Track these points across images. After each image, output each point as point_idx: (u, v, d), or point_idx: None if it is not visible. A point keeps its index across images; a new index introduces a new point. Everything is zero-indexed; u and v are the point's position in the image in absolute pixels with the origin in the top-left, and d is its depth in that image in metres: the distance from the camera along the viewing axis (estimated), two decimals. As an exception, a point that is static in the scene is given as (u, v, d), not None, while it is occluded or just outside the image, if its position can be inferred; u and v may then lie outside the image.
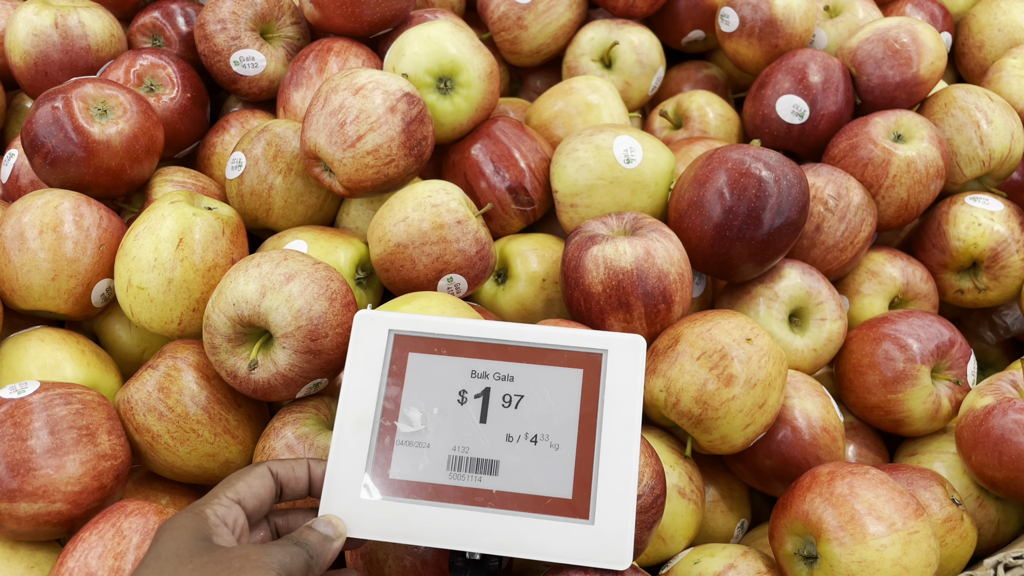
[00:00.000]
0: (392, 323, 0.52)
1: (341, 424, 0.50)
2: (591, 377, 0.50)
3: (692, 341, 0.62)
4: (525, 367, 0.51)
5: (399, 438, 0.49)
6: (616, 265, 0.64)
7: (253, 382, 0.58)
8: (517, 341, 0.51)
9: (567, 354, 0.51)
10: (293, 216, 0.73)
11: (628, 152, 0.72)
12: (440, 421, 0.50)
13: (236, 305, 0.57)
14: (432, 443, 0.49)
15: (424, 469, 0.49)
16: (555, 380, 0.50)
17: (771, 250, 0.68)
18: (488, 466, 0.49)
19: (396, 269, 0.67)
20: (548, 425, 0.49)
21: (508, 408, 0.50)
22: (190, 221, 0.64)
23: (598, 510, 0.47)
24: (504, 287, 0.73)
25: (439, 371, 0.51)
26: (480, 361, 0.51)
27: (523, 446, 0.49)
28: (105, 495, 0.56)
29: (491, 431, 0.49)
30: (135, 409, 0.59)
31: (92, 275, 0.66)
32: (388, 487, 0.48)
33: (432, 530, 0.47)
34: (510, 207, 0.75)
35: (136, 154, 0.70)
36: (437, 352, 0.51)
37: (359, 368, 0.51)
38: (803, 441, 0.65)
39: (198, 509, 0.42)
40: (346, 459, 0.49)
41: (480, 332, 0.51)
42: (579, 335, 0.51)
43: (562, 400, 0.50)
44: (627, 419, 0.49)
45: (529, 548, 0.47)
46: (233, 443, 0.62)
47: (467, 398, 0.50)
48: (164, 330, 0.65)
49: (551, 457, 0.49)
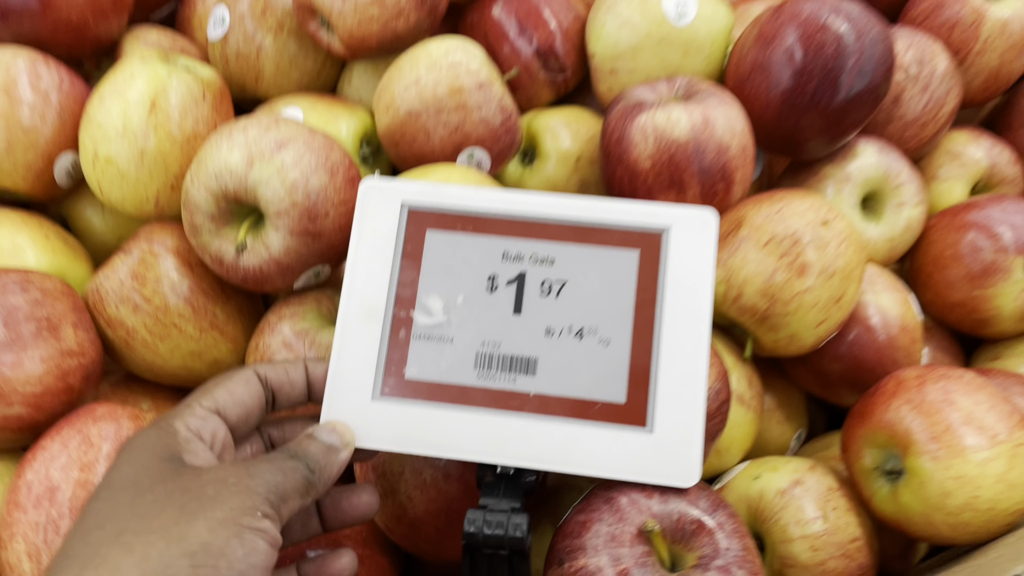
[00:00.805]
0: (405, 194, 0.43)
1: (346, 315, 0.41)
2: (649, 259, 0.41)
3: (758, 225, 0.53)
4: (569, 248, 0.41)
5: (416, 331, 0.41)
6: (669, 136, 0.54)
7: (242, 269, 0.49)
8: (559, 217, 0.42)
9: (620, 232, 0.42)
10: (286, 83, 0.63)
11: (680, 6, 0.61)
12: (466, 311, 0.41)
13: (219, 177, 0.48)
14: (456, 337, 0.41)
15: (447, 368, 0.40)
16: (605, 263, 0.41)
17: (848, 121, 0.58)
18: (524, 364, 0.40)
19: (407, 142, 0.57)
20: (596, 316, 0.40)
21: (548, 296, 0.41)
22: (164, 82, 0.54)
23: (658, 416, 0.39)
24: (532, 168, 0.64)
25: (464, 252, 0.42)
26: (514, 240, 0.42)
27: (566, 341, 0.40)
28: (73, 398, 0.48)
29: (527, 323, 0.41)
30: (106, 300, 0.51)
31: (53, 146, 0.57)
32: (404, 388, 0.40)
33: (457, 439, 0.39)
34: (538, 75, 0.65)
35: (101, 7, 0.60)
36: (461, 229, 0.42)
37: (366, 248, 0.42)
38: (878, 342, 0.56)
39: (165, 422, 0.34)
40: (352, 356, 0.40)
41: (513, 205, 0.42)
42: (636, 209, 0.42)
43: (614, 287, 0.41)
44: (695, 308, 0.40)
45: (574, 460, 0.39)
46: (222, 340, 0.53)
47: (498, 284, 0.41)
48: (139, 211, 0.55)
49: (600, 354, 0.40)
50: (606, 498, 0.40)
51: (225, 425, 0.35)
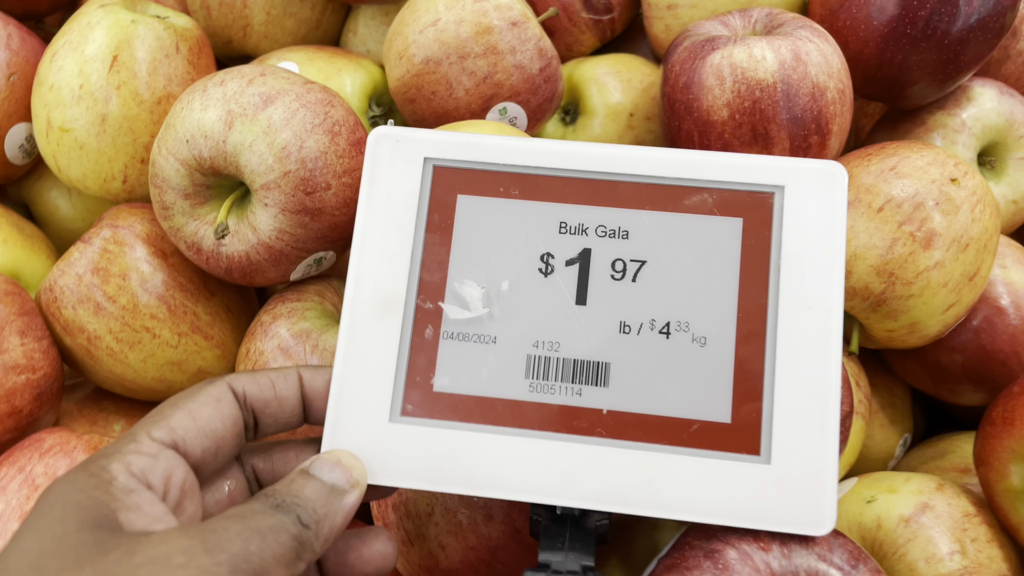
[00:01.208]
0: (429, 147, 0.32)
1: (354, 308, 0.31)
2: (758, 229, 0.31)
3: (869, 185, 0.42)
4: (648, 216, 0.31)
5: (447, 328, 0.31)
6: (752, 77, 0.43)
7: (225, 258, 0.40)
8: (635, 173, 0.32)
9: (717, 194, 0.31)
10: (279, 35, 0.53)
11: (753, -78, 0.50)
12: (513, 302, 0.31)
13: (191, 142, 0.38)
14: (501, 336, 0.30)
15: (489, 377, 0.30)
16: (698, 236, 0.31)
17: (967, 56, 0.47)
18: (593, 372, 0.30)
19: (426, 98, 0.47)
20: (688, 308, 0.30)
21: (622, 281, 0.31)
22: (128, 31, 0.44)
23: (776, 440, 0.29)
24: (575, 127, 0.53)
25: (508, 223, 0.32)
26: (574, 207, 0.32)
27: (648, 341, 0.30)
28: (23, 422, 0.39)
29: (595, 317, 0.31)
30: (62, 301, 0.41)
31: (2, 117, 0.47)
32: (432, 405, 0.30)
33: (504, 473, 0.29)
34: (579, 16, 0.54)
35: (55, -52, 0.50)
36: (504, 194, 0.32)
37: (379, 218, 0.32)
38: (1011, 327, 0.46)
39: (99, 464, 0.24)
40: (363, 363, 0.30)
41: (573, 159, 0.32)
42: (738, 162, 0.31)
43: (710, 268, 0.31)
44: (821, 294, 0.30)
45: (663, 501, 0.29)
46: (206, 345, 0.44)
47: (555, 266, 0.31)
48: (104, 190, 0.46)
49: (695, 358, 0.30)
50: (707, 550, 0.30)
51: (185, 463, 0.26)
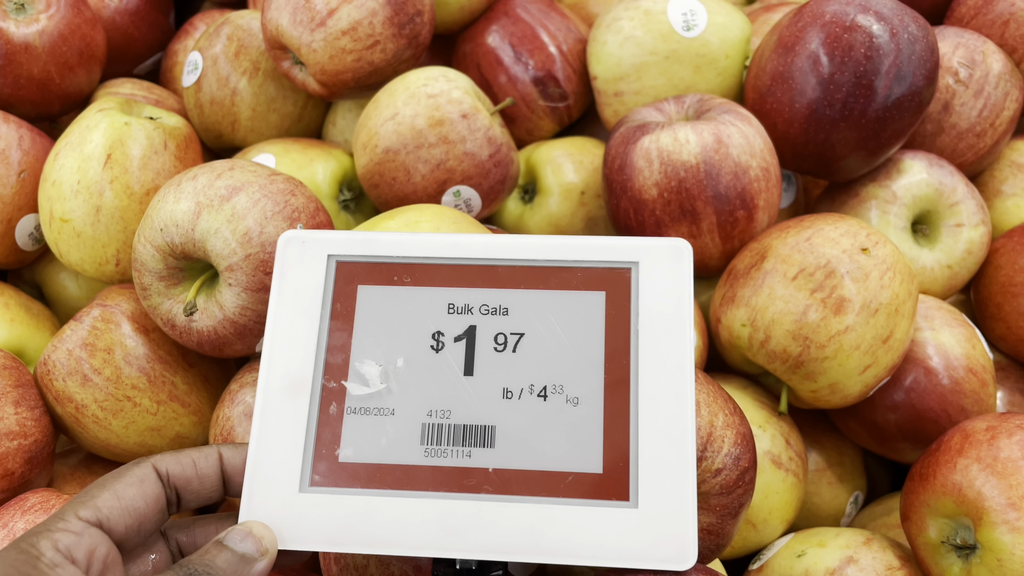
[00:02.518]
0: (332, 246, 0.37)
1: (266, 390, 0.35)
2: (617, 301, 0.34)
3: (785, 255, 0.45)
4: (524, 294, 0.35)
5: (350, 404, 0.34)
6: (676, 159, 0.47)
7: (196, 332, 0.44)
8: (510, 258, 0.36)
9: (581, 272, 0.35)
10: (265, 128, 0.59)
11: (688, 16, 0.54)
12: (408, 377, 0.35)
13: (164, 230, 0.43)
14: (398, 408, 0.34)
15: (388, 445, 0.34)
16: (567, 309, 0.35)
17: (887, 133, 0.50)
18: (480, 435, 0.34)
19: (387, 183, 0.52)
20: (562, 372, 0.34)
21: (503, 352, 0.34)
22: (121, 132, 0.49)
23: (642, 487, 0.32)
24: (532, 205, 0.58)
25: (403, 307, 0.36)
26: (460, 290, 0.35)
27: (528, 404, 0.34)
28: (13, 484, 0.43)
29: (481, 386, 0.34)
30: (53, 373, 0.46)
31: (13, 209, 0.53)
32: (338, 475, 0.34)
33: (404, 532, 0.32)
34: (537, 103, 0.59)
35: (66, 59, 0.56)
36: (398, 282, 0.36)
37: (288, 310, 0.36)
38: (941, 387, 0.48)
39: (28, 541, 0.28)
40: (275, 439, 0.34)
41: (457, 249, 0.36)
42: (596, 244, 0.35)
43: (579, 336, 0.34)
44: (674, 354, 0.33)
45: (546, 548, 0.32)
46: (184, 412, 0.48)
47: (444, 342, 0.35)
48: (99, 272, 0.51)
49: (569, 416, 0.33)
50: (601, 598, 0.32)
51: (108, 539, 0.29)
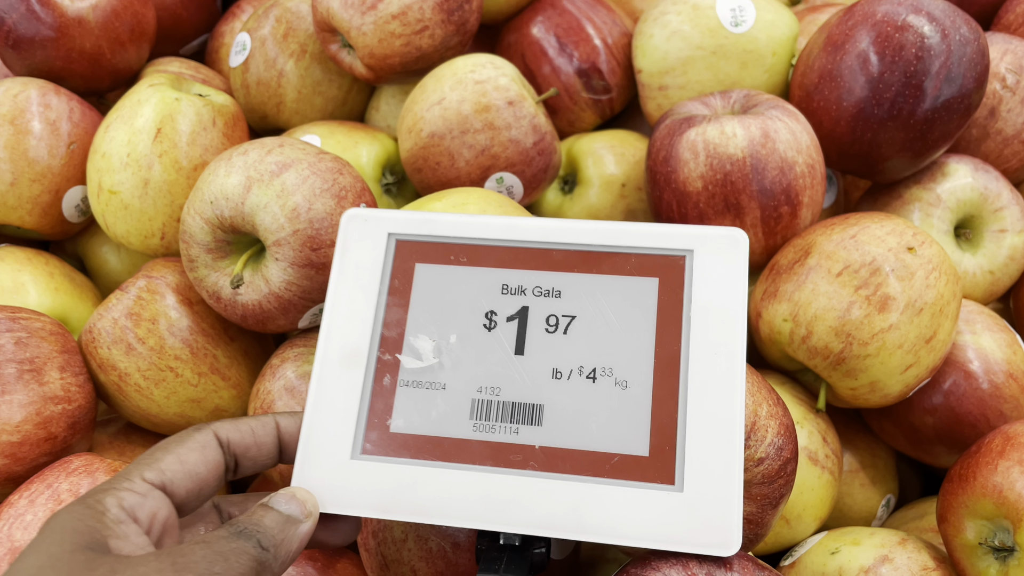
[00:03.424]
0: (392, 224, 0.37)
1: (323, 360, 0.35)
2: (670, 288, 0.34)
3: (830, 252, 0.45)
4: (577, 278, 0.35)
5: (403, 377, 0.35)
6: (723, 152, 0.47)
7: (240, 306, 0.45)
8: (565, 242, 0.36)
9: (635, 258, 0.35)
10: (309, 111, 0.59)
11: (736, 12, 0.54)
12: (460, 353, 0.35)
13: (215, 203, 0.43)
14: (449, 383, 0.34)
15: (439, 418, 0.34)
16: (620, 294, 0.35)
17: (935, 135, 0.50)
18: (528, 413, 0.34)
19: (431, 167, 0.52)
20: (612, 355, 0.34)
21: (554, 334, 0.35)
22: (172, 107, 0.50)
23: (688, 471, 0.32)
24: (572, 195, 0.58)
25: (458, 286, 0.36)
26: (514, 272, 0.36)
27: (577, 385, 0.34)
28: (56, 448, 0.44)
29: (531, 365, 0.34)
30: (98, 341, 0.47)
31: (62, 180, 0.54)
32: (388, 444, 0.34)
33: (450, 503, 0.33)
34: (580, 95, 0.59)
35: (118, 35, 0.57)
36: (455, 261, 0.36)
37: (348, 284, 0.36)
38: (980, 391, 0.47)
39: (95, 498, 0.28)
40: (330, 408, 0.35)
41: (512, 232, 0.36)
42: (652, 231, 0.35)
43: (630, 321, 0.34)
44: (726, 342, 0.33)
45: (589, 526, 0.32)
46: (223, 385, 0.48)
47: (497, 321, 0.35)
48: (144, 245, 0.52)
49: (617, 399, 0.33)
50: (641, 579, 0.32)
51: (170, 503, 0.30)
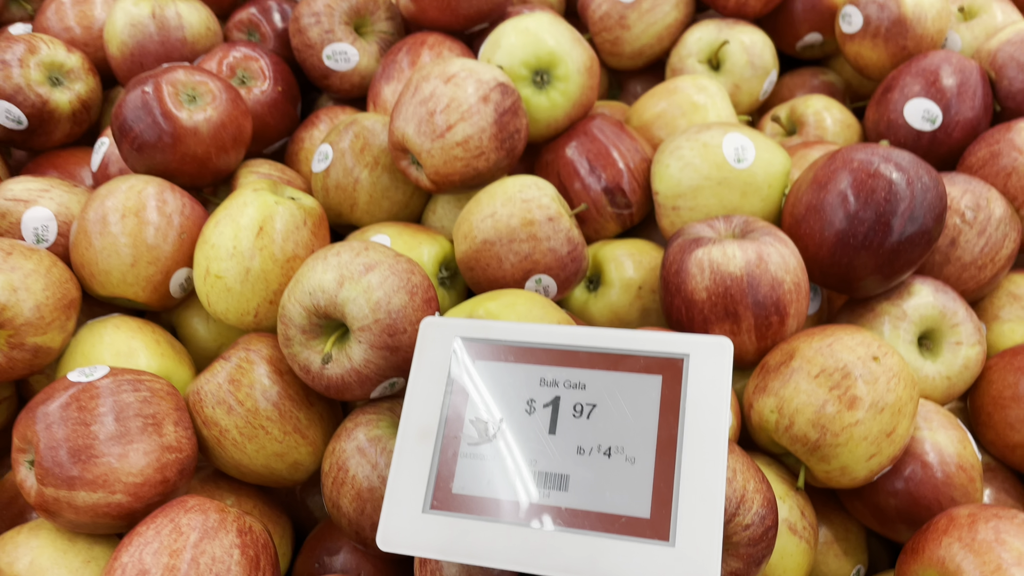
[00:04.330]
0: (459, 330, 0.48)
1: (404, 435, 0.46)
2: (671, 384, 0.44)
3: (810, 357, 0.55)
4: (598, 374, 0.45)
5: (463, 450, 0.45)
6: (724, 270, 0.58)
7: (326, 378, 0.54)
8: (589, 346, 0.46)
9: (644, 359, 0.45)
10: (378, 212, 0.70)
11: (739, 151, 0.66)
12: (507, 432, 0.45)
13: (312, 294, 0.53)
14: (498, 455, 0.45)
15: (488, 483, 0.44)
16: (631, 388, 0.45)
17: (900, 262, 0.61)
18: (557, 481, 0.43)
19: (482, 268, 0.63)
20: (623, 437, 0.44)
21: (579, 418, 0.45)
22: (271, 209, 0.61)
23: (679, 530, 0.41)
24: (596, 294, 0.68)
25: (506, 379, 0.46)
26: (550, 368, 0.46)
27: (595, 459, 0.43)
28: (168, 490, 0.53)
29: (561, 443, 0.44)
30: (204, 401, 0.56)
31: (171, 263, 0.64)
32: (451, 502, 0.44)
33: (494, 549, 0.42)
34: (605, 209, 0.70)
35: (223, 142, 0.68)
36: (505, 359, 0.47)
37: (424, 376, 0.47)
38: (935, 479, 0.57)
39: None
40: (408, 472, 0.45)
41: (549, 337, 0.47)
42: (657, 338, 0.45)
43: (639, 410, 0.44)
44: (712, 430, 0.43)
45: (601, 571, 0.41)
46: (303, 443, 0.58)
47: (535, 407, 0.45)
48: (240, 322, 0.62)
49: (627, 472, 0.43)
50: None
51: None
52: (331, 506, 0.55)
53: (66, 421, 0.51)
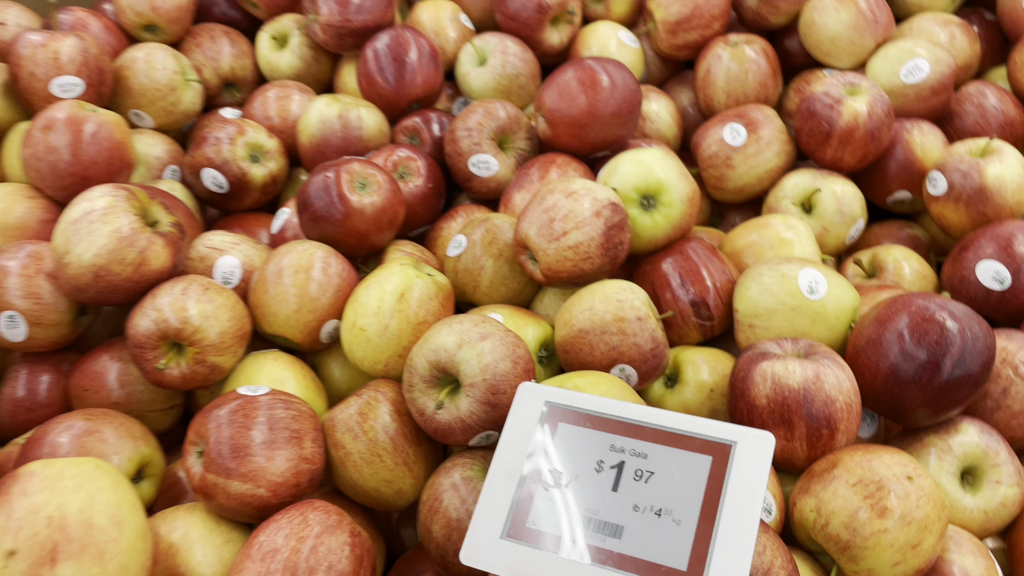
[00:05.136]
0: (549, 396, 0.59)
1: (494, 473, 0.57)
2: (719, 464, 0.53)
3: (850, 468, 0.63)
4: (659, 448, 0.55)
5: (539, 493, 0.55)
6: (783, 382, 0.67)
7: (436, 422, 0.66)
8: (654, 424, 0.56)
9: (699, 441, 0.55)
10: (495, 295, 0.83)
11: (812, 283, 0.75)
12: (577, 484, 0.55)
13: (436, 351, 0.66)
14: (567, 502, 0.54)
15: (557, 523, 0.54)
16: (685, 463, 0.54)
17: (947, 400, 0.68)
18: (613, 529, 0.53)
19: (575, 352, 0.74)
20: (673, 502, 0.53)
21: (639, 482, 0.54)
22: (412, 281, 0.75)
23: None
24: (672, 390, 0.78)
25: (583, 441, 0.56)
26: (619, 437, 0.56)
27: (648, 517, 0.53)
28: (299, 493, 0.66)
29: (621, 499, 0.54)
30: (336, 427, 0.69)
31: (326, 314, 0.79)
32: (523, 533, 0.54)
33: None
34: (690, 319, 0.81)
35: (381, 223, 0.84)
36: (583, 425, 0.57)
37: (516, 428, 0.58)
38: (960, 600, 0.62)
39: None
40: (493, 504, 0.55)
41: (622, 412, 0.57)
42: (712, 425, 0.55)
43: (689, 481, 0.53)
44: (748, 506, 0.52)
45: None
46: (408, 475, 0.69)
47: (603, 468, 0.55)
48: (372, 369, 0.75)
49: (672, 531, 0.52)
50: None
51: None
52: (423, 531, 0.66)
53: (232, 424, 0.65)
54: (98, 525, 0.55)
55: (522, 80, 1.05)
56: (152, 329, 0.72)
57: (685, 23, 1.08)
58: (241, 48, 1.12)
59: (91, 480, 0.57)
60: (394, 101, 1.02)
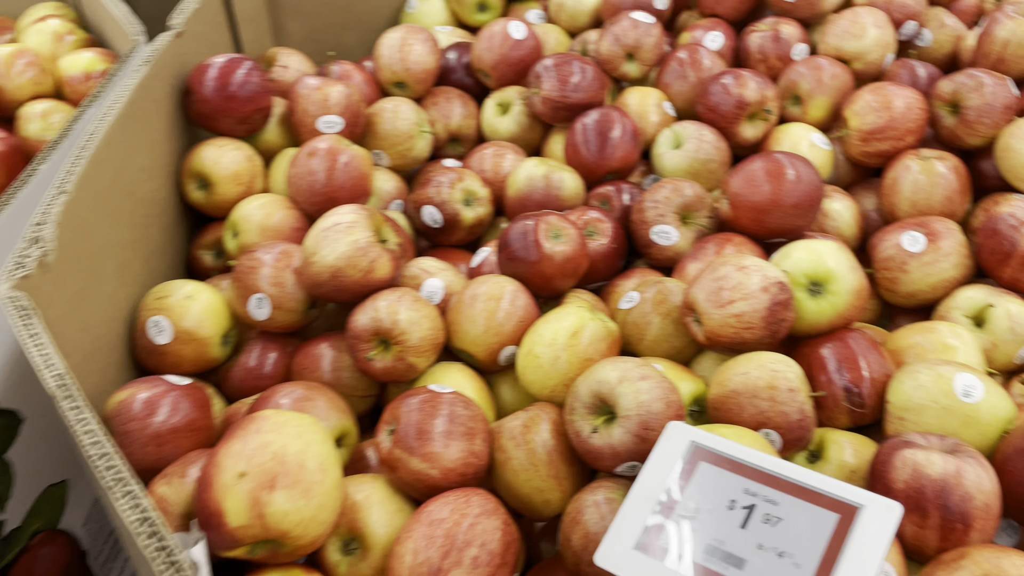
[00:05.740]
0: (694, 436, 0.66)
1: (635, 493, 0.64)
2: (844, 522, 0.58)
3: (978, 561, 0.65)
4: (790, 498, 0.60)
5: (673, 519, 0.62)
6: (923, 471, 0.70)
7: (588, 444, 0.75)
8: (789, 476, 0.61)
9: (828, 499, 0.60)
10: (658, 350, 0.91)
11: (968, 388, 0.78)
12: (708, 516, 0.61)
13: (599, 382, 0.75)
14: (697, 529, 0.61)
15: (685, 547, 0.60)
16: (812, 515, 0.59)
17: (1096, 520, 0.68)
18: (737, 561, 0.59)
19: (725, 410, 0.81)
20: (796, 548, 0.58)
21: (767, 524, 0.60)
22: (586, 322, 0.85)
23: None
24: (814, 465, 0.82)
25: (719, 481, 0.63)
26: (754, 483, 0.62)
27: (770, 556, 0.58)
28: (464, 482, 0.76)
29: (747, 536, 0.59)
30: (503, 433, 0.79)
31: (507, 339, 0.90)
32: (653, 549, 0.61)
33: None
34: (841, 403, 0.85)
35: (565, 271, 0.95)
36: (722, 467, 0.64)
37: (660, 459, 0.65)
38: None
39: None
40: (630, 519, 0.63)
41: (760, 461, 0.63)
42: (843, 486, 0.60)
43: (814, 533, 0.58)
44: (865, 566, 0.56)
45: None
46: (557, 488, 0.78)
47: (736, 507, 0.61)
48: (539, 393, 0.85)
49: (791, 572, 0.57)
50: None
51: None
52: (563, 538, 0.74)
53: (420, 411, 0.77)
54: (309, 467, 0.67)
55: (712, 165, 1.14)
56: (369, 325, 0.86)
57: (879, 133, 1.13)
58: (470, 110, 1.29)
59: (308, 432, 0.70)
60: (593, 169, 1.15)
